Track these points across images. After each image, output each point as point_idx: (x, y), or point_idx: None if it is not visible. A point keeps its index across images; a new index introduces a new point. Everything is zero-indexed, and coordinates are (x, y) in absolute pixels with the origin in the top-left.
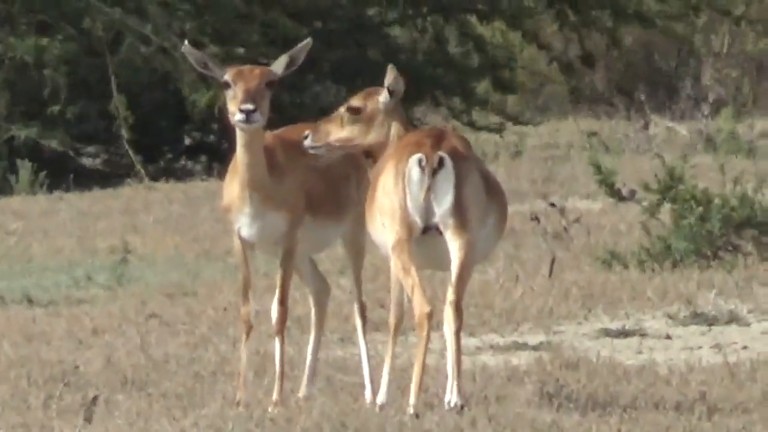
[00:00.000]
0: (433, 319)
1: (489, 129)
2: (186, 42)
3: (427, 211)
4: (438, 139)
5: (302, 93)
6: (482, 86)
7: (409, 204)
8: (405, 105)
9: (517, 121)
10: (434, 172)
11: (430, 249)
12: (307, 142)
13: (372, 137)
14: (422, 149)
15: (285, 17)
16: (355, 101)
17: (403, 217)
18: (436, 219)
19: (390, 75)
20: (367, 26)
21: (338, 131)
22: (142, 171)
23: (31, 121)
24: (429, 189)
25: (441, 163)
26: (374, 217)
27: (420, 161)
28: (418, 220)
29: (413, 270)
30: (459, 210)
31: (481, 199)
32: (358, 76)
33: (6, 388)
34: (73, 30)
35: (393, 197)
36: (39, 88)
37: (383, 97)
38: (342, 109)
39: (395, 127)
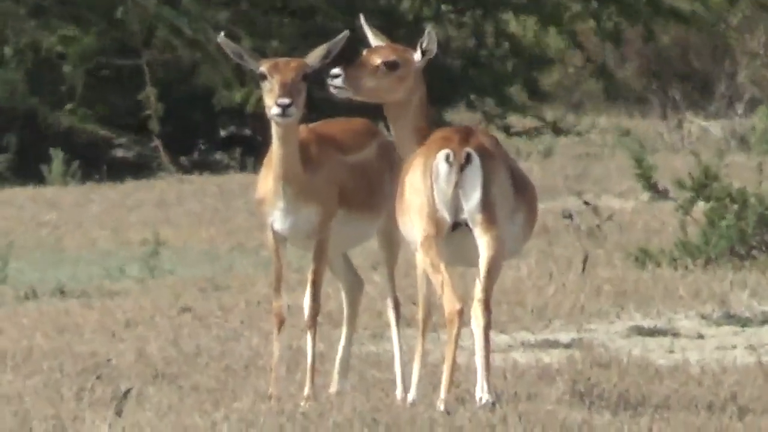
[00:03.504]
0: (463, 315)
1: (522, 134)
2: (222, 33)
3: (456, 207)
4: (465, 135)
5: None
6: (518, 89)
7: (437, 200)
8: (438, 106)
9: (554, 126)
10: (462, 168)
11: (459, 245)
12: (337, 82)
13: (398, 96)
14: (450, 145)
15: (321, 8)
16: (393, 55)
17: (431, 213)
18: (465, 215)
19: (428, 36)
20: (401, 22)
21: (370, 81)
22: (172, 166)
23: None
24: (457, 185)
25: (468, 158)
26: (403, 214)
27: (447, 157)
28: (446, 216)
29: (442, 267)
30: (487, 206)
31: (509, 196)
32: None
33: (39, 379)
34: (104, 22)
35: (421, 193)
36: (59, 83)
37: (417, 56)
38: (378, 60)
39: (419, 93)
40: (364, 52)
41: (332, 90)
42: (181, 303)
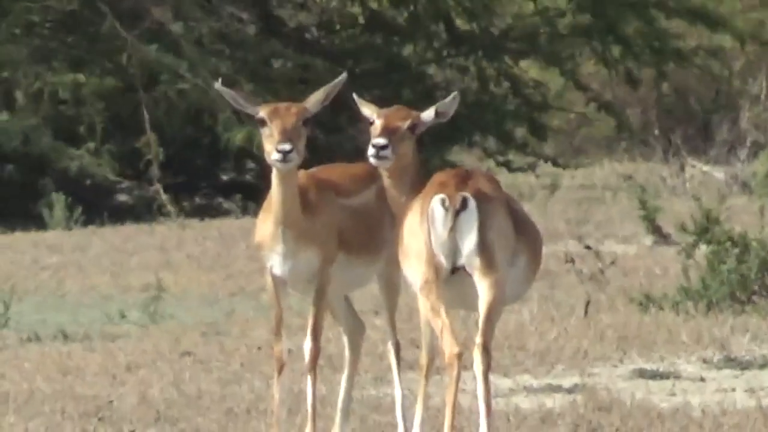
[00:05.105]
0: (462, 359)
1: (523, 169)
2: (219, 80)
3: (453, 251)
4: (463, 179)
5: (337, 134)
6: (519, 128)
7: (434, 244)
8: (440, 145)
9: (554, 161)
10: (457, 213)
11: (459, 289)
12: (387, 153)
13: (410, 157)
14: (446, 189)
15: (320, 57)
16: (414, 119)
17: (429, 257)
18: (462, 260)
19: (452, 100)
20: (403, 66)
21: (403, 146)
22: (172, 211)
23: (77, 152)
24: (452, 229)
25: (464, 203)
26: (404, 258)
27: (443, 201)
28: (443, 261)
29: (442, 310)
30: (484, 250)
31: (509, 240)
32: None
33: (41, 422)
34: (109, 66)
35: (419, 238)
36: (75, 124)
37: (430, 115)
38: (404, 123)
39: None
40: (380, 118)
41: (376, 161)
42: (183, 347)
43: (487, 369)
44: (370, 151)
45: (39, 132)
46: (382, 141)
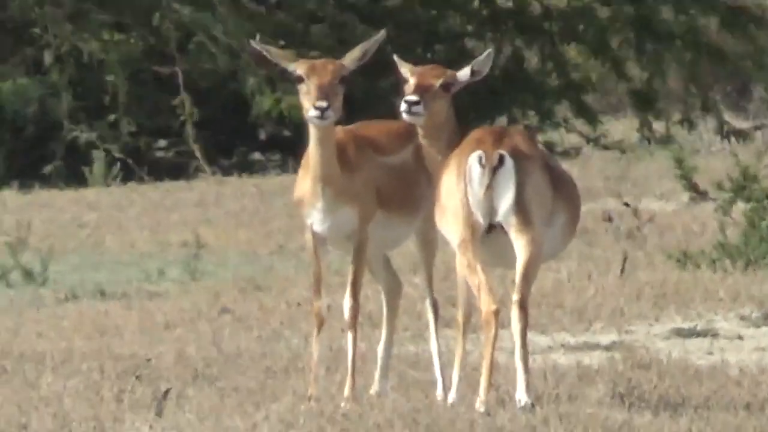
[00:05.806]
0: (499, 316)
1: (564, 153)
2: (257, 37)
3: (489, 209)
4: (499, 136)
5: (375, 99)
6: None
7: (471, 202)
8: (480, 120)
9: (596, 143)
10: (494, 170)
11: (496, 247)
12: (418, 109)
13: (444, 116)
14: (483, 146)
15: (358, 21)
16: (448, 77)
17: (466, 215)
18: (499, 218)
19: (486, 58)
20: (442, 36)
21: (436, 104)
22: (208, 170)
23: (95, 122)
24: (489, 187)
25: (501, 160)
26: (441, 215)
27: (480, 159)
28: (480, 219)
29: (479, 268)
30: (521, 208)
31: (546, 198)
32: None
33: (78, 381)
34: (142, 28)
35: (455, 196)
36: (102, 88)
37: (466, 73)
38: (437, 81)
39: (452, 111)
40: (414, 76)
41: (408, 117)
42: (221, 304)
43: (525, 326)
44: (402, 107)
45: (57, 98)
46: (413, 98)
